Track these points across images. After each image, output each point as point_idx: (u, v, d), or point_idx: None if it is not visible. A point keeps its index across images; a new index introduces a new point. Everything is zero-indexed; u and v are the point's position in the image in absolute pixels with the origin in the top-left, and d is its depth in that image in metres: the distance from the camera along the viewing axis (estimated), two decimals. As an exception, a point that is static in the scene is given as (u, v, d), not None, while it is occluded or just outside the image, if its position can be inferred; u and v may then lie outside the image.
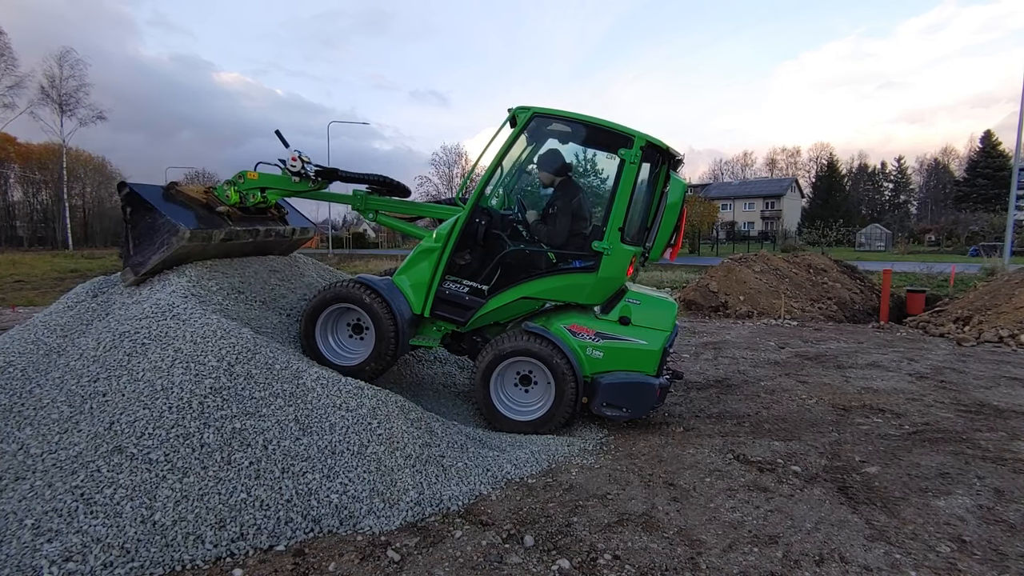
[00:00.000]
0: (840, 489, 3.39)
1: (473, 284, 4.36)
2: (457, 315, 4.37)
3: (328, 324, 4.36)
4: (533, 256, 4.33)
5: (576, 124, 4.28)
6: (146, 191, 4.14)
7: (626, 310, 4.27)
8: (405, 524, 2.84)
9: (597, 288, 4.22)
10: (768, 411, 4.92)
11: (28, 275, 18.79)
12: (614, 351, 4.18)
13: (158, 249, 4.00)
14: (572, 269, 4.24)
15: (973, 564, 2.63)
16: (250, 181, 4.72)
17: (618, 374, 4.17)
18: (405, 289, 4.43)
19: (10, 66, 41.04)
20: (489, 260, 4.35)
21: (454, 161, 61.17)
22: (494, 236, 4.32)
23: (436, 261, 4.35)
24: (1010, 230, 20.35)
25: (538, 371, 4.22)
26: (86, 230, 57.74)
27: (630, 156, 4.05)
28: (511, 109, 4.28)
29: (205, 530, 2.57)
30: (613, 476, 3.50)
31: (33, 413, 3.15)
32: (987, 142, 58.77)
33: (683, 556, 2.65)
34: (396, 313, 4.19)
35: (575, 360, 4.11)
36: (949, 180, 67.64)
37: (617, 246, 4.10)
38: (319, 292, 4.34)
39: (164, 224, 4.00)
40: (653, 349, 4.16)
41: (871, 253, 39.51)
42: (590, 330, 4.21)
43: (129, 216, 4.10)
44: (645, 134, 4.10)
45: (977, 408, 5.04)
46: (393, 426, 3.27)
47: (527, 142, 4.56)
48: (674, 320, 4.35)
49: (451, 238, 4.30)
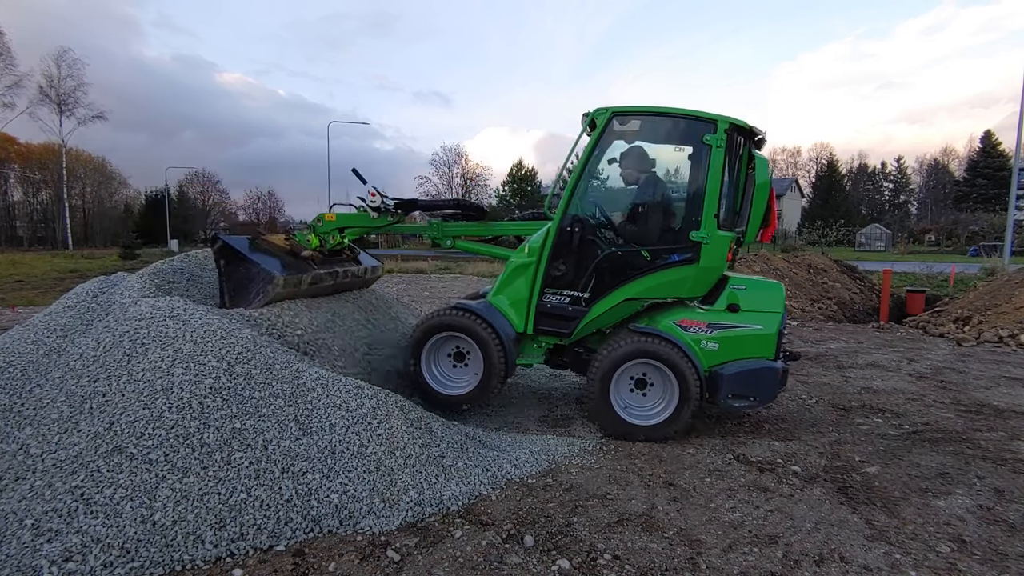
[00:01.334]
0: (840, 489, 3.39)
1: (573, 293, 4.29)
2: (561, 327, 4.32)
3: (431, 356, 4.36)
4: (629, 257, 4.24)
5: (656, 117, 4.24)
6: (237, 243, 4.21)
7: (733, 297, 4.16)
8: (405, 524, 2.84)
9: (700, 279, 4.13)
10: (768, 411, 4.92)
11: (28, 275, 18.78)
12: (730, 340, 4.08)
13: (254, 298, 4.07)
14: (672, 263, 4.15)
15: (973, 564, 2.63)
16: (328, 223, 4.77)
17: (738, 363, 4.06)
18: (504, 309, 4.38)
19: (9, 66, 41.08)
20: (585, 267, 4.27)
21: (454, 161, 61.10)
22: (588, 242, 4.26)
23: (532, 275, 4.31)
24: (1010, 230, 20.34)
25: (655, 372, 4.13)
26: (86, 230, 57.72)
27: (716, 140, 3.98)
28: (588, 113, 4.25)
29: (205, 530, 2.57)
30: (613, 476, 3.49)
31: (33, 413, 3.15)
32: (987, 142, 58.77)
33: (683, 556, 2.65)
34: (501, 335, 4.15)
35: (693, 355, 4.02)
36: (949, 180, 67.59)
37: (715, 234, 4.01)
38: (419, 324, 4.34)
39: (259, 273, 4.07)
40: (769, 332, 4.07)
41: (871, 253, 39.52)
42: (701, 323, 4.11)
43: (223, 268, 4.16)
44: (727, 116, 4.03)
45: (977, 408, 5.04)
46: (393, 426, 3.27)
47: (609, 142, 4.43)
48: (783, 301, 4.23)
49: (545, 250, 4.26)
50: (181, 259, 4.88)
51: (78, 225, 54.82)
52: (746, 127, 4.16)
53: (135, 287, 4.18)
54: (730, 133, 4.04)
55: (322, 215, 4.82)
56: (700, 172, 4.09)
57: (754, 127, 4.23)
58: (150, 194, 65.97)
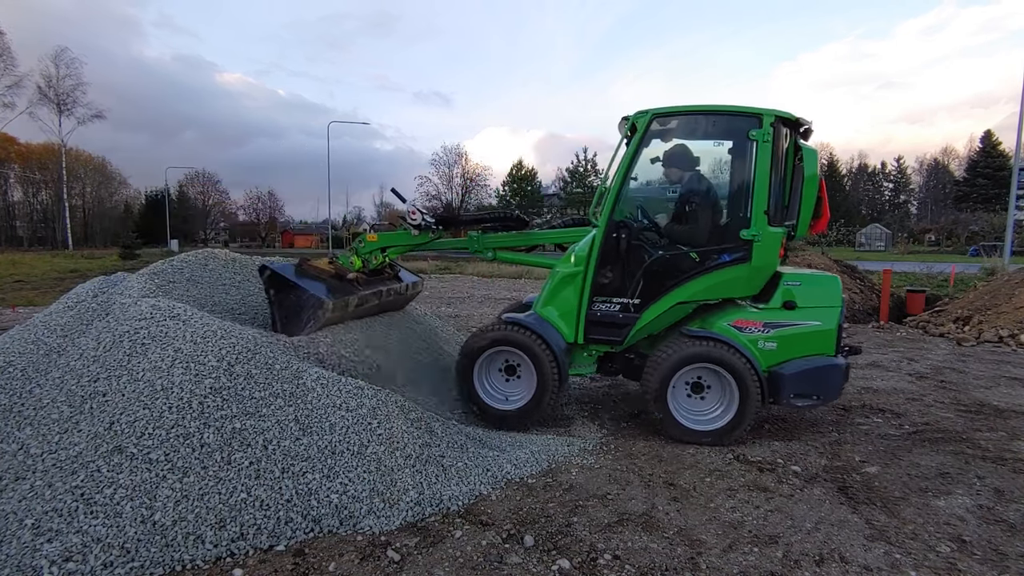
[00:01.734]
0: (840, 489, 3.39)
1: (623, 300, 4.25)
2: (612, 335, 4.27)
3: (483, 371, 4.35)
4: (678, 260, 4.18)
5: (698, 115, 4.19)
6: (284, 270, 4.25)
7: (788, 294, 4.06)
8: (405, 524, 2.84)
9: (753, 278, 4.06)
10: (768, 411, 4.92)
11: (28, 275, 18.78)
12: (788, 339, 4.00)
13: (306, 324, 4.11)
14: (723, 264, 4.07)
15: (973, 564, 2.63)
16: (370, 244, 4.78)
17: (799, 362, 3.98)
18: (554, 320, 4.34)
19: (9, 66, 41.10)
20: (633, 273, 4.22)
21: (454, 161, 61.09)
22: (635, 247, 4.20)
23: (580, 285, 4.27)
24: (1010, 230, 20.32)
25: (711, 376, 4.07)
26: (86, 230, 57.78)
27: (762, 135, 3.92)
28: (628, 117, 4.21)
29: (205, 530, 2.57)
30: (613, 476, 3.49)
31: (33, 413, 3.15)
32: (987, 142, 58.80)
33: (683, 556, 2.65)
34: (553, 347, 4.12)
35: (752, 356, 3.93)
36: (949, 180, 67.59)
37: (766, 231, 3.95)
38: (470, 339, 4.34)
39: (309, 299, 4.11)
40: (829, 328, 3.99)
41: (871, 253, 39.52)
42: (756, 322, 4.03)
43: (273, 297, 4.20)
44: (772, 109, 3.97)
45: (977, 408, 5.04)
46: (393, 426, 3.27)
47: (650, 145, 4.35)
48: (841, 294, 4.13)
49: (591, 258, 4.22)
50: (181, 259, 4.89)
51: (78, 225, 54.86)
52: (792, 118, 4.06)
53: (135, 287, 4.17)
54: (776, 126, 3.95)
55: (363, 236, 4.83)
56: (747, 168, 4.03)
57: (800, 118, 4.12)
58: (150, 194, 66.07)
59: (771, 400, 4.01)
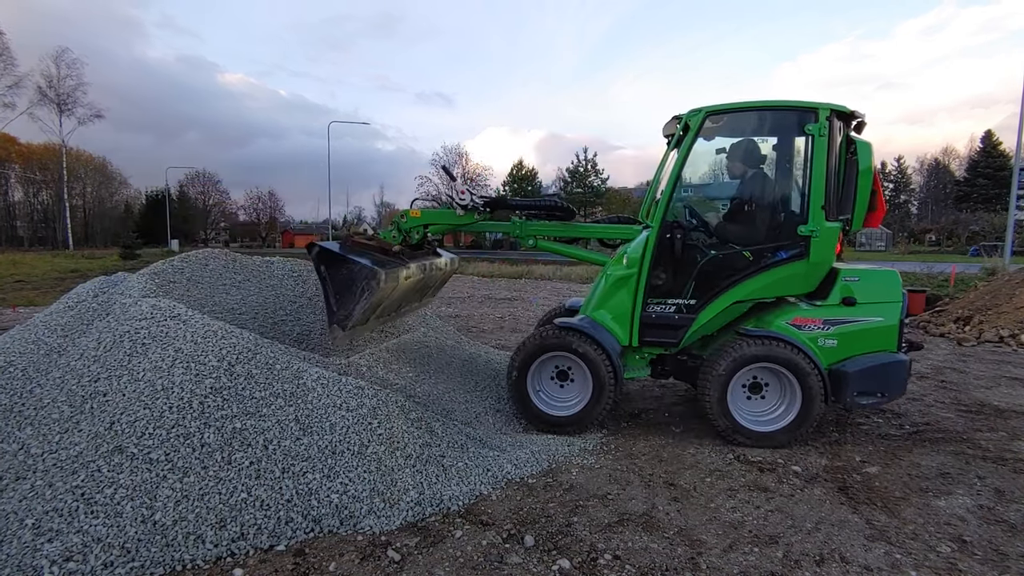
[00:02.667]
0: (840, 489, 3.39)
1: (679, 301, 4.20)
2: (668, 337, 4.23)
3: (535, 377, 4.30)
4: (732, 259, 4.13)
5: (753, 112, 4.16)
6: (332, 246, 4.22)
7: (847, 290, 4.00)
8: (405, 524, 2.84)
9: (811, 274, 4.01)
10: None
11: (28, 275, 18.79)
12: (849, 336, 3.94)
13: (360, 296, 4.04)
14: (780, 261, 4.03)
15: (974, 564, 2.63)
16: (413, 219, 4.76)
17: (862, 359, 3.92)
18: (608, 323, 4.30)
19: (9, 66, 41.12)
20: (688, 273, 4.18)
21: (454, 161, 61.00)
22: (689, 247, 4.16)
23: (635, 287, 4.22)
24: (1011, 230, 20.32)
25: (770, 376, 4.02)
26: (86, 230, 57.82)
27: (818, 129, 3.88)
28: (681, 116, 4.18)
29: (205, 530, 2.57)
30: (613, 476, 3.49)
31: (34, 413, 3.15)
32: (988, 142, 58.74)
33: (683, 556, 2.65)
34: (608, 351, 4.07)
35: (813, 355, 3.86)
36: (949, 180, 67.56)
37: (823, 226, 3.90)
38: (522, 346, 4.27)
39: (361, 270, 4.05)
40: (891, 323, 3.93)
41: (871, 253, 39.50)
42: (816, 320, 3.98)
43: (325, 272, 4.15)
44: (827, 103, 3.93)
45: (977, 408, 5.03)
46: (393, 426, 3.27)
47: (704, 143, 4.31)
48: (901, 288, 4.08)
49: (645, 260, 4.18)
50: (181, 259, 4.89)
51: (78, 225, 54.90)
52: (846, 111, 4.03)
53: (135, 287, 4.17)
54: (831, 120, 3.92)
55: (406, 211, 4.82)
56: (804, 163, 4.00)
57: (855, 111, 4.08)
58: (150, 194, 66.05)
59: (834, 399, 3.93)
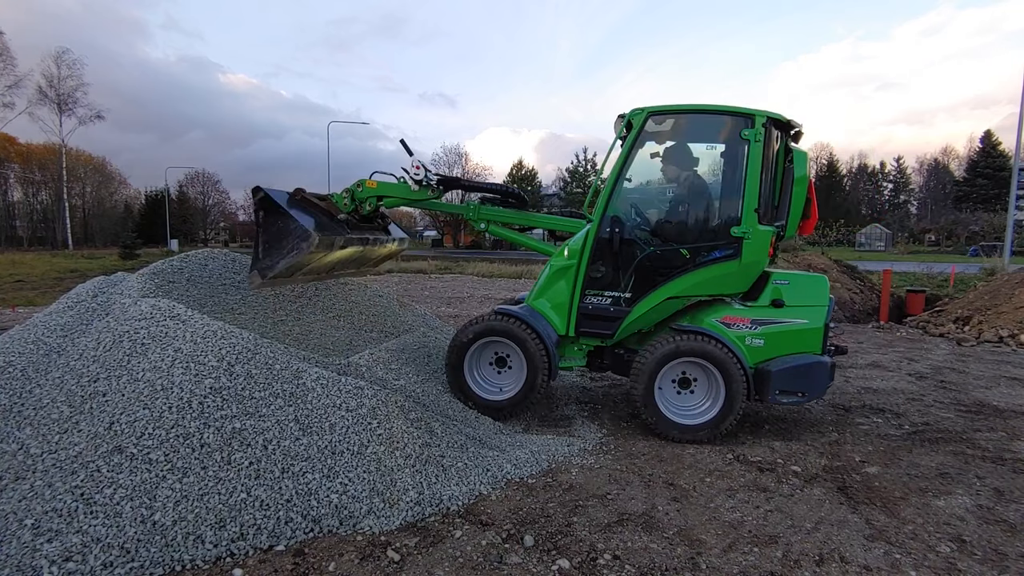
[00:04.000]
0: (840, 489, 3.39)
1: (615, 294, 4.30)
2: (603, 328, 4.32)
3: (473, 362, 4.36)
4: (669, 255, 4.25)
5: (693, 115, 4.25)
6: (278, 195, 4.21)
7: (776, 292, 4.15)
8: (405, 524, 2.84)
9: (743, 274, 4.13)
10: (768, 411, 4.92)
11: (28, 275, 18.77)
12: (775, 336, 4.07)
13: (288, 253, 4.08)
14: (713, 260, 4.15)
15: (973, 564, 2.63)
16: (368, 189, 4.76)
17: (786, 359, 4.04)
18: (546, 312, 4.39)
19: (9, 66, 41.08)
20: (626, 267, 4.28)
21: (454, 161, 60.99)
22: (627, 242, 4.26)
23: (574, 277, 4.31)
24: (1010, 230, 20.31)
25: (698, 371, 4.12)
26: (86, 230, 57.76)
27: (754, 135, 3.99)
28: (624, 114, 4.25)
29: (205, 530, 2.57)
30: (613, 476, 3.49)
31: (33, 413, 3.15)
32: (987, 142, 58.76)
33: (683, 556, 2.65)
34: (544, 338, 4.15)
35: (739, 352, 3.99)
36: (949, 180, 67.57)
37: (756, 229, 4.02)
38: (461, 330, 4.34)
39: (296, 229, 4.08)
40: (816, 326, 4.06)
41: (871, 253, 39.50)
42: (744, 319, 4.11)
43: (261, 219, 4.17)
44: (764, 110, 4.03)
45: (977, 408, 5.04)
46: (393, 426, 3.27)
47: (645, 142, 4.42)
48: (828, 293, 4.21)
49: (585, 252, 4.26)
50: (181, 259, 4.89)
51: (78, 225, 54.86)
52: (783, 120, 4.14)
53: (135, 287, 4.17)
54: (767, 127, 4.03)
55: (363, 180, 4.80)
56: (739, 167, 4.08)
57: (791, 120, 4.20)
58: (150, 194, 66.00)
59: (756, 396, 4.05)
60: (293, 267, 4.12)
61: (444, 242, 59.74)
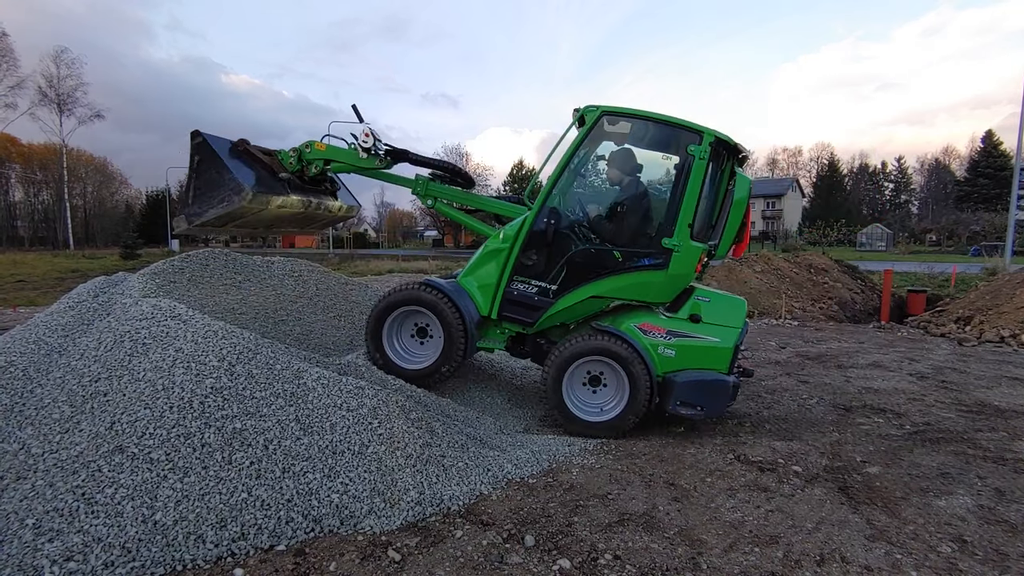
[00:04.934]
0: (841, 489, 3.38)
1: (541, 284, 4.33)
2: (525, 316, 4.35)
3: (393, 328, 4.37)
4: (600, 255, 4.28)
5: (645, 121, 4.25)
6: (217, 143, 4.12)
7: (696, 308, 4.23)
8: (406, 524, 2.84)
9: (666, 285, 4.17)
10: (769, 411, 4.92)
11: (29, 275, 18.80)
12: (687, 349, 4.14)
13: (218, 204, 4.03)
14: (641, 267, 4.20)
15: (974, 564, 2.63)
16: (317, 151, 4.71)
17: (692, 372, 4.12)
18: (472, 290, 4.43)
19: (11, 67, 41.12)
20: (557, 260, 4.31)
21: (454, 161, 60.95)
22: (562, 236, 4.29)
23: (504, 261, 4.35)
24: (1011, 230, 20.30)
25: (609, 371, 4.17)
26: (87, 230, 57.84)
27: (699, 152, 4.01)
28: (578, 108, 4.26)
29: (206, 530, 2.57)
30: (614, 476, 3.49)
31: (34, 413, 3.15)
32: (988, 142, 58.68)
33: (684, 556, 2.65)
34: (464, 314, 4.18)
35: (648, 359, 4.05)
36: (950, 180, 67.51)
37: (687, 243, 4.06)
38: (385, 296, 4.34)
39: (229, 181, 4.01)
40: (726, 346, 4.13)
41: (872, 253, 39.46)
42: (661, 328, 4.17)
43: (196, 165, 4.09)
44: (714, 130, 4.05)
45: (978, 408, 5.03)
46: (394, 426, 3.27)
47: (595, 141, 4.46)
48: (744, 317, 4.30)
49: (519, 238, 4.29)
50: (182, 259, 4.89)
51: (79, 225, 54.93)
52: (731, 143, 4.19)
53: (136, 287, 4.18)
54: (715, 147, 4.07)
55: (312, 142, 4.77)
56: (681, 181, 4.12)
57: (739, 144, 4.26)
58: (151, 194, 66.07)
59: (659, 402, 4.14)
60: (224, 218, 4.05)
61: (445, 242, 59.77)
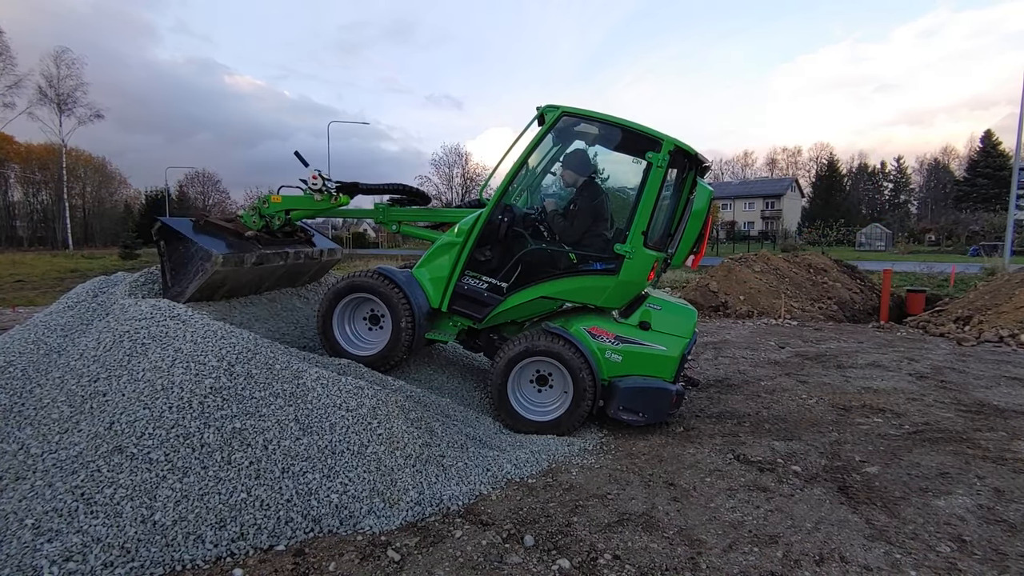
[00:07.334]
0: (840, 489, 3.39)
1: (492, 281, 4.34)
2: (474, 311, 4.36)
3: (346, 314, 4.42)
4: (553, 256, 4.27)
5: (604, 125, 4.22)
6: (177, 223, 4.26)
7: (646, 315, 4.23)
8: (405, 524, 2.84)
9: (617, 291, 4.16)
10: (768, 411, 4.92)
11: (28, 275, 18.79)
12: (633, 355, 4.16)
13: (194, 276, 4.11)
14: (593, 271, 4.19)
15: (973, 564, 2.63)
16: (274, 205, 4.81)
17: (636, 379, 4.14)
18: (424, 282, 4.45)
19: (9, 66, 41.06)
20: (509, 257, 4.32)
21: (454, 162, 61.07)
22: (516, 233, 4.29)
23: (456, 256, 4.35)
24: (1010, 230, 20.33)
25: (556, 372, 4.19)
26: (86, 230, 57.81)
27: (658, 160, 3.99)
28: (539, 107, 4.25)
29: (205, 530, 2.57)
30: (613, 476, 3.49)
31: (33, 413, 3.15)
32: (987, 142, 58.72)
33: (683, 556, 2.65)
34: (413, 304, 4.21)
35: (594, 362, 4.08)
36: (949, 180, 67.56)
37: (639, 250, 4.04)
38: (337, 282, 4.38)
39: (197, 251, 4.11)
40: (672, 355, 4.14)
41: (871, 253, 39.45)
42: (610, 333, 4.18)
43: (164, 249, 4.20)
44: (674, 138, 4.04)
45: (977, 408, 5.03)
46: (393, 426, 3.27)
47: (554, 141, 4.47)
48: (694, 327, 4.31)
49: (473, 233, 4.29)
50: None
51: (78, 225, 54.87)
52: (692, 152, 4.17)
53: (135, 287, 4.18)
54: (674, 155, 4.05)
55: (267, 196, 4.87)
56: (637, 188, 4.11)
57: (699, 154, 4.25)
58: (150, 194, 66.05)
59: (602, 405, 4.16)
60: (205, 288, 4.15)
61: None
